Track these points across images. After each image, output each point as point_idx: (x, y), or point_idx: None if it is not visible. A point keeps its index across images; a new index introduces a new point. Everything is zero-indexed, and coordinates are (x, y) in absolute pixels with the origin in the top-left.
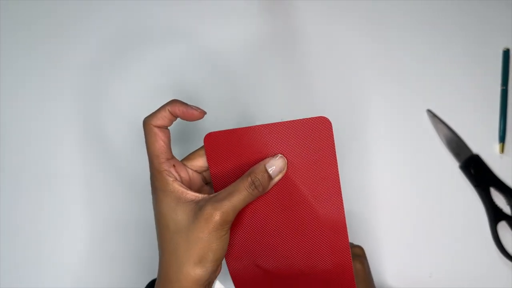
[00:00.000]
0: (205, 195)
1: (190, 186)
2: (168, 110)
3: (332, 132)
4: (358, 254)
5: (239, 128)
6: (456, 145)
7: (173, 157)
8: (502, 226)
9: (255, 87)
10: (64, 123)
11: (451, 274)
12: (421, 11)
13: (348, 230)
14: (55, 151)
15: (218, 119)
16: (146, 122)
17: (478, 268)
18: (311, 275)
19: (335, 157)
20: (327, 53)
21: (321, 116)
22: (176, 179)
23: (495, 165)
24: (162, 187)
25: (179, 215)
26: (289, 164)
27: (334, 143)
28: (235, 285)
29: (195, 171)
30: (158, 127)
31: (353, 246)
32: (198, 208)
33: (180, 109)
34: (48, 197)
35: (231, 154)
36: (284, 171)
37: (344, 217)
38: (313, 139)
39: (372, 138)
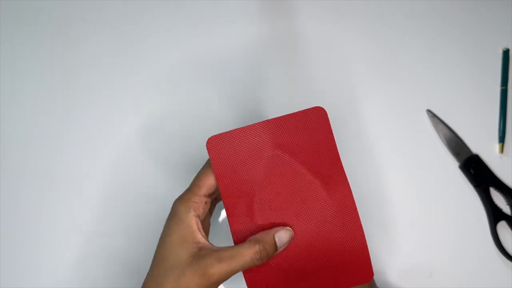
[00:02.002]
0: (210, 244)
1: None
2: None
3: (328, 119)
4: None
5: (240, 128)
6: (456, 145)
7: (209, 199)
8: (502, 226)
9: (255, 87)
10: (64, 123)
11: (451, 274)
12: (421, 11)
13: None
14: (56, 151)
15: (220, 119)
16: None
17: (478, 268)
18: (327, 265)
19: (334, 142)
20: (326, 53)
21: (316, 106)
22: (198, 216)
23: (495, 165)
24: (182, 217)
25: (182, 253)
26: (293, 156)
27: (331, 130)
28: (248, 285)
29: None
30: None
31: None
32: (199, 255)
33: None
34: (48, 197)
35: (235, 155)
36: (288, 243)
37: (353, 197)
38: (311, 128)
39: (372, 138)
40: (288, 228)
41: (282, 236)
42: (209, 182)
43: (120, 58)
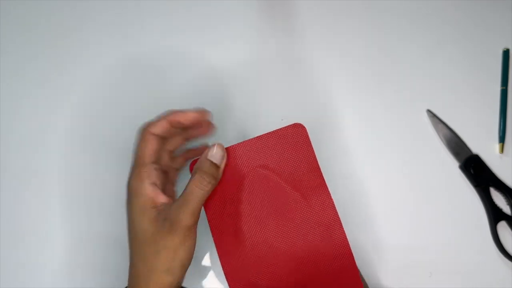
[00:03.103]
0: (166, 202)
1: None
2: (167, 119)
3: (307, 135)
4: None
5: None
6: (456, 145)
7: (159, 165)
8: (502, 226)
9: (253, 94)
10: (59, 122)
11: (451, 273)
12: (421, 11)
13: (346, 232)
14: (46, 150)
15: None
16: (144, 128)
17: (478, 268)
18: (314, 277)
19: (315, 156)
20: (326, 54)
21: (295, 123)
22: (154, 183)
23: (495, 165)
24: (137, 189)
25: (145, 224)
26: (276, 173)
27: (311, 145)
28: None
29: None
30: (154, 134)
31: None
32: (161, 217)
33: (178, 116)
34: (31, 196)
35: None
36: (226, 155)
37: (335, 208)
38: (291, 145)
39: (372, 138)
40: (217, 142)
41: (213, 153)
42: (147, 150)
43: (118, 64)
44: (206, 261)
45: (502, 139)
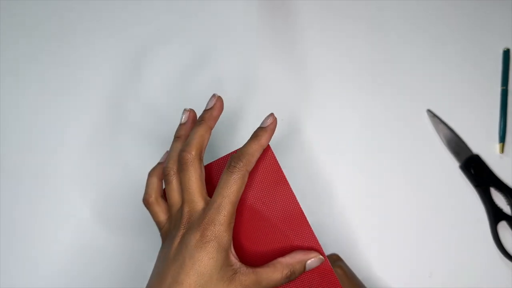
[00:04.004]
0: (243, 265)
1: None
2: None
3: (273, 155)
4: (334, 260)
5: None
6: (456, 145)
7: None
8: (502, 226)
9: (253, 95)
10: (66, 121)
11: (451, 274)
12: (421, 11)
13: (347, 232)
14: (55, 149)
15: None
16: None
17: (478, 268)
18: None
19: (284, 176)
20: (326, 54)
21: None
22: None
23: (495, 165)
24: (227, 245)
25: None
26: (247, 195)
27: (279, 165)
28: None
29: None
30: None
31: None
32: (232, 271)
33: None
34: (46, 196)
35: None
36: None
37: (310, 227)
38: (260, 167)
39: (372, 138)
40: (321, 257)
41: (313, 265)
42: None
43: (120, 60)
44: None
45: (502, 139)
